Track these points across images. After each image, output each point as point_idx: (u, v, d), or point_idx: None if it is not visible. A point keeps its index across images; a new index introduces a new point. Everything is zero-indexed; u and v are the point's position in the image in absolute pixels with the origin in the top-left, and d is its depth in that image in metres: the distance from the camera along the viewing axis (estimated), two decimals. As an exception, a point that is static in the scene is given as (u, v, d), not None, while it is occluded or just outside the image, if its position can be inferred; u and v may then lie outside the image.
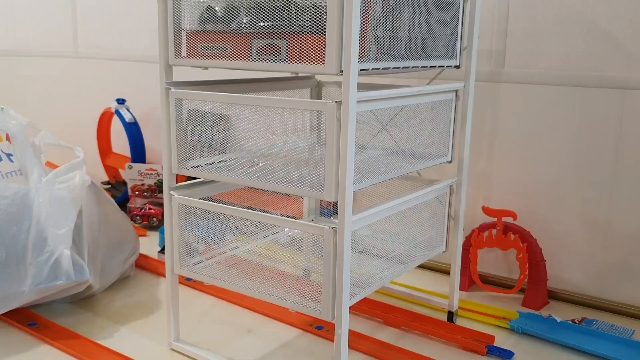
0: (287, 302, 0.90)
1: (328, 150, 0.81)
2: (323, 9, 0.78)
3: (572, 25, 1.21)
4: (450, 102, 1.07)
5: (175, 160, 0.97)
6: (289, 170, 0.89)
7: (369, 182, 0.90)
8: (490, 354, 1.05)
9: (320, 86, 1.23)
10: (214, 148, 0.96)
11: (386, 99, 0.91)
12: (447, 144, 1.09)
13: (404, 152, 1.01)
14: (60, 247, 1.12)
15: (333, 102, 0.79)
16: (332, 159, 0.82)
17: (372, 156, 0.96)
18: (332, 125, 0.80)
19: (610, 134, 1.20)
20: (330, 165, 0.82)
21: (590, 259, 1.26)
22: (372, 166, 0.94)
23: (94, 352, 1.04)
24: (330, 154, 0.81)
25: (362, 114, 0.87)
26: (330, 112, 0.80)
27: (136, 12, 1.86)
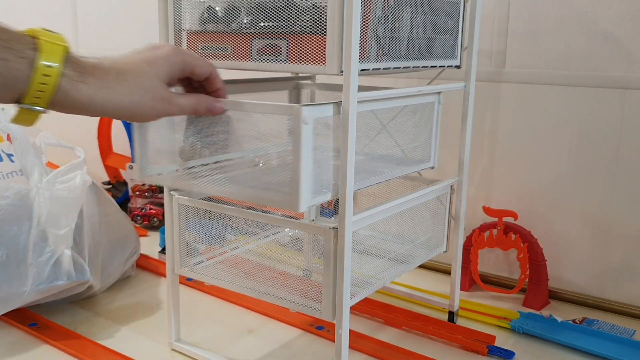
0: (288, 302, 0.90)
1: (294, 157, 0.75)
2: (323, 9, 0.78)
3: (572, 25, 1.20)
4: (433, 105, 1.03)
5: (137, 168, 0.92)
6: (254, 178, 0.84)
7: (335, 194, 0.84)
8: (491, 354, 1.05)
9: (299, 87, 1.18)
10: (181, 153, 0.89)
11: (385, 99, 0.91)
12: (429, 149, 1.06)
13: (383, 158, 0.98)
14: (61, 247, 1.12)
15: (300, 105, 0.73)
16: (298, 168, 0.75)
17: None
18: (298, 131, 0.74)
19: (611, 134, 1.20)
20: (297, 175, 0.75)
21: (591, 259, 1.26)
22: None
23: (94, 352, 1.04)
24: (297, 161, 0.75)
25: (337, 119, 0.81)
26: (296, 115, 0.74)
27: (136, 12, 1.86)
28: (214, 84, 0.77)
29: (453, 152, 1.37)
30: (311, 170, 0.77)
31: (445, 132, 1.38)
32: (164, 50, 0.71)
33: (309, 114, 0.74)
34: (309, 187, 0.77)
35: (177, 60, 0.71)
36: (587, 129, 1.22)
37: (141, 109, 0.68)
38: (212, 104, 0.76)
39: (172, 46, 0.72)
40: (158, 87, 0.69)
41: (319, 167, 0.80)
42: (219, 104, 0.77)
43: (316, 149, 0.78)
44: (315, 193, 0.79)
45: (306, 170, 0.76)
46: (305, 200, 0.77)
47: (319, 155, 0.80)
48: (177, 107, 0.72)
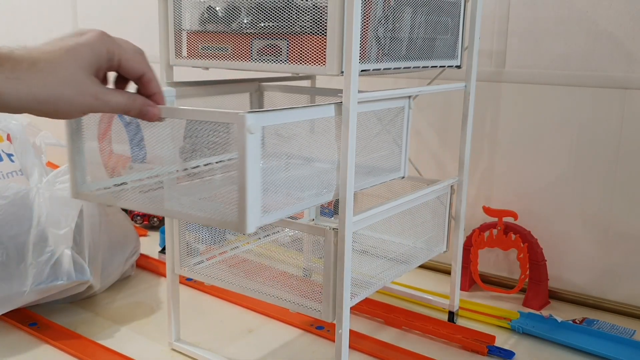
0: (288, 302, 0.90)
1: (240, 172, 0.66)
2: (324, 9, 0.78)
3: (573, 25, 1.20)
4: (403, 110, 0.96)
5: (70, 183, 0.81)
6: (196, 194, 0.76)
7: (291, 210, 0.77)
8: (491, 353, 1.05)
9: (262, 90, 1.11)
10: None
11: (383, 99, 0.91)
12: (398, 158, 0.97)
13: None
14: (61, 247, 1.12)
15: (244, 112, 0.64)
16: (243, 181, 0.66)
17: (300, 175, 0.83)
18: (242, 141, 0.65)
19: (611, 134, 1.20)
20: (243, 190, 0.66)
21: (591, 258, 1.26)
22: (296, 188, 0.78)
23: (94, 352, 1.04)
24: (243, 176, 0.66)
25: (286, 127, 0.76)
26: (239, 124, 0.65)
27: (136, 12, 1.86)
28: (148, 87, 0.66)
29: (453, 152, 1.37)
30: (260, 185, 0.68)
31: (445, 132, 1.38)
32: (87, 37, 0.61)
33: (255, 122, 0.65)
34: (257, 204, 0.68)
35: (102, 48, 0.61)
36: (587, 129, 1.22)
37: (60, 104, 0.59)
38: (146, 108, 0.66)
39: (99, 32, 0.62)
40: (81, 79, 0.60)
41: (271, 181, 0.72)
42: (153, 109, 0.67)
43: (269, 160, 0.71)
44: (266, 211, 0.71)
45: (253, 185, 0.67)
46: (253, 219, 0.68)
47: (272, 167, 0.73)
48: (105, 104, 0.62)
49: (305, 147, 0.82)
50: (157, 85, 0.67)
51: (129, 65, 0.64)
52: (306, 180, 0.81)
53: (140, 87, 0.67)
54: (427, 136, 1.41)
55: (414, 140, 1.42)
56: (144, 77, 0.66)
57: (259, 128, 0.66)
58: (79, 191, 0.81)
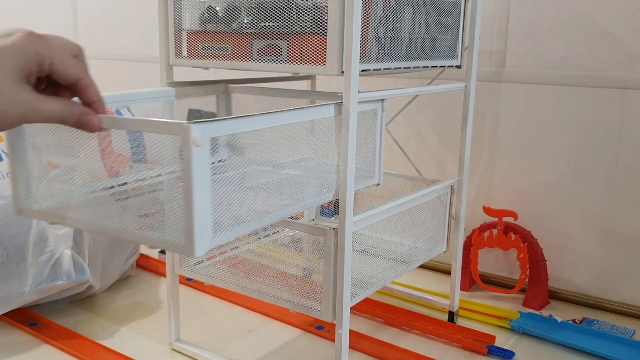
0: (288, 302, 0.90)
1: (185, 187, 0.59)
2: (324, 9, 0.78)
3: (573, 25, 1.20)
4: (375, 114, 0.88)
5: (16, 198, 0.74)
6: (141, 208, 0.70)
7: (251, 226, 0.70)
8: (491, 353, 1.05)
9: (229, 92, 1.05)
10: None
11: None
12: (372, 164, 0.90)
13: (315, 176, 0.83)
14: (61, 247, 1.12)
15: (189, 122, 0.58)
16: (190, 198, 0.59)
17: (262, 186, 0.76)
18: (187, 154, 0.58)
19: (611, 134, 1.20)
20: (190, 206, 0.59)
21: (591, 258, 1.26)
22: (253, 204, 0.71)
23: (94, 352, 1.04)
24: (189, 193, 0.59)
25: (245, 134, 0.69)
26: (184, 136, 0.58)
27: (136, 12, 1.86)
28: (86, 94, 0.60)
29: (453, 152, 1.37)
30: (209, 202, 0.61)
31: (445, 132, 1.38)
32: (13, 38, 0.54)
33: (201, 134, 0.58)
34: (207, 224, 0.62)
35: (30, 51, 0.54)
36: (587, 129, 1.22)
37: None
38: (84, 117, 0.60)
39: (26, 32, 0.55)
40: (9, 86, 0.53)
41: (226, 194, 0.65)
42: (92, 118, 0.60)
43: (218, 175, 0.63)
44: (218, 230, 0.64)
45: (202, 204, 0.60)
46: (201, 242, 0.61)
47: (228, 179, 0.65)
48: (39, 113, 0.56)
49: (273, 154, 0.76)
50: (95, 93, 0.61)
51: (61, 69, 0.57)
52: (272, 190, 0.76)
53: (78, 94, 0.60)
54: (427, 136, 1.41)
55: (414, 140, 1.42)
56: (79, 84, 0.59)
57: (207, 140, 0.60)
58: (22, 207, 0.73)
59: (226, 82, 1.05)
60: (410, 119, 1.41)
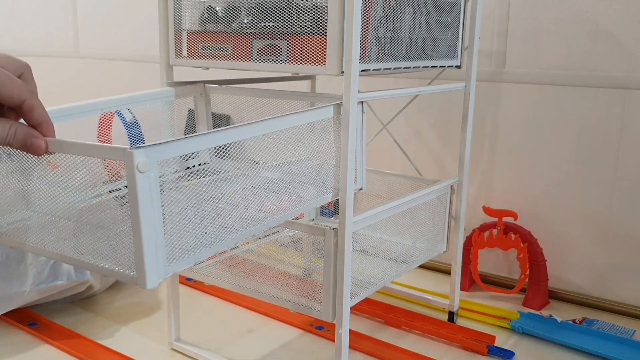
0: (288, 302, 0.90)
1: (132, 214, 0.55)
2: (324, 9, 0.78)
3: (573, 25, 1.20)
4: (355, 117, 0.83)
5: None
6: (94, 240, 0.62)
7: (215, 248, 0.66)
8: (491, 353, 1.05)
9: (208, 93, 1.00)
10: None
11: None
12: (353, 167, 0.83)
13: (293, 182, 0.79)
14: (61, 247, 1.12)
15: (131, 147, 0.53)
16: (138, 228, 0.55)
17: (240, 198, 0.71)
18: (132, 181, 0.54)
19: (611, 134, 1.20)
20: (138, 236, 0.55)
21: (591, 259, 1.26)
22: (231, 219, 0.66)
23: (94, 352, 1.04)
24: (135, 220, 0.55)
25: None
26: (128, 163, 0.53)
27: (136, 12, 1.86)
28: (32, 116, 0.56)
29: (453, 152, 1.37)
30: (160, 230, 0.57)
31: (445, 132, 1.38)
32: None
33: (147, 160, 0.54)
34: (160, 253, 0.58)
35: None
36: (587, 129, 1.22)
37: None
38: (30, 139, 0.56)
39: None
40: None
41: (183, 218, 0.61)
42: (38, 141, 0.57)
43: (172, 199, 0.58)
44: (173, 258, 0.60)
45: (150, 233, 0.56)
46: (153, 274, 0.57)
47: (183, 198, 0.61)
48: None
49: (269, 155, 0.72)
50: (41, 114, 0.57)
51: (3, 90, 0.53)
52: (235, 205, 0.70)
53: (24, 116, 0.57)
54: (427, 136, 1.41)
55: (414, 140, 1.42)
56: (24, 105, 0.55)
57: (154, 164, 0.55)
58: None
59: (204, 82, 1.00)
60: (410, 119, 1.41)
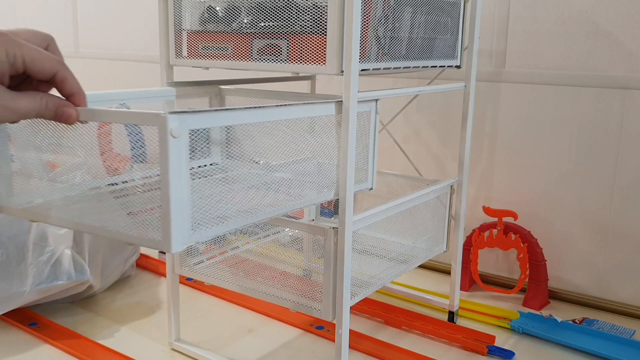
0: (288, 302, 0.90)
1: (162, 180, 0.57)
2: (324, 9, 0.78)
3: (573, 25, 1.21)
4: (369, 115, 0.85)
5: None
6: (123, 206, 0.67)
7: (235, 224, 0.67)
8: (491, 353, 1.05)
9: (223, 94, 1.03)
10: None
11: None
12: (365, 167, 0.86)
13: (304, 179, 0.81)
14: (61, 247, 1.12)
15: (165, 113, 0.56)
16: (166, 191, 0.57)
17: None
18: (165, 146, 0.56)
19: (611, 134, 1.20)
20: (166, 199, 0.57)
21: (591, 259, 1.26)
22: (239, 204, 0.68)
23: (94, 352, 1.04)
24: (165, 185, 0.57)
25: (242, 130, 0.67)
26: (161, 127, 0.56)
27: (136, 12, 1.86)
28: (64, 87, 0.59)
29: (453, 152, 1.37)
30: (188, 197, 0.59)
31: (445, 132, 1.38)
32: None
33: (179, 125, 0.57)
34: (186, 219, 0.60)
35: (1, 51, 0.54)
36: (587, 129, 1.22)
37: None
38: (61, 109, 0.59)
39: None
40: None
41: (208, 192, 0.63)
42: (69, 110, 0.59)
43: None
44: (197, 227, 0.62)
45: (178, 197, 0.58)
46: (179, 238, 0.59)
47: (208, 172, 0.64)
48: (14, 111, 0.55)
49: (262, 151, 0.74)
50: (74, 84, 0.59)
51: (36, 65, 0.56)
52: (258, 187, 0.73)
53: (56, 88, 0.59)
54: (427, 136, 1.41)
55: (414, 140, 1.42)
56: (57, 76, 0.58)
57: (185, 131, 0.58)
58: (2, 205, 0.71)
59: (218, 82, 1.03)
60: (410, 119, 1.41)
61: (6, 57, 0.54)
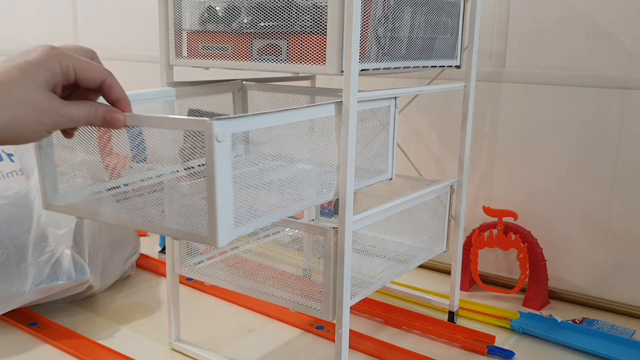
0: (288, 302, 0.90)
1: (209, 181, 0.62)
2: (324, 9, 0.78)
3: (573, 25, 1.21)
4: (388, 110, 0.91)
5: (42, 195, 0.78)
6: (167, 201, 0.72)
7: (269, 219, 0.73)
8: (491, 353, 1.05)
9: (245, 89, 1.08)
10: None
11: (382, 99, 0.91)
12: (385, 159, 0.92)
13: (332, 168, 0.84)
14: (61, 247, 1.12)
15: (211, 119, 0.60)
16: (213, 191, 0.62)
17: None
18: (210, 150, 0.61)
19: (611, 134, 1.20)
20: (213, 199, 0.62)
21: (591, 258, 1.26)
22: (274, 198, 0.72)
23: (94, 352, 1.04)
24: (212, 185, 0.62)
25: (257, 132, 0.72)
26: (207, 131, 0.61)
27: (136, 12, 1.86)
28: (110, 93, 0.64)
29: (453, 152, 1.38)
30: (231, 196, 0.65)
31: (445, 132, 1.38)
32: (37, 53, 0.59)
33: (223, 130, 0.61)
34: (230, 216, 0.65)
35: (54, 63, 0.59)
36: (587, 129, 1.22)
37: (22, 126, 0.57)
38: (110, 115, 0.64)
39: (48, 47, 0.60)
40: (39, 96, 0.58)
41: (246, 189, 0.67)
42: (117, 115, 0.65)
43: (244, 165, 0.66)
44: (239, 222, 0.67)
45: (224, 197, 0.63)
46: (224, 233, 0.64)
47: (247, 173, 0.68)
48: (67, 118, 0.60)
49: (288, 149, 0.79)
50: (119, 90, 0.65)
51: (86, 74, 0.61)
52: (288, 184, 0.78)
53: (103, 94, 0.65)
54: (427, 136, 1.41)
55: (414, 140, 1.42)
56: (104, 84, 0.63)
57: (228, 135, 0.62)
58: (49, 202, 0.77)
59: (242, 79, 1.09)
60: (409, 119, 1.41)
61: (60, 68, 0.59)
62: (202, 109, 1.03)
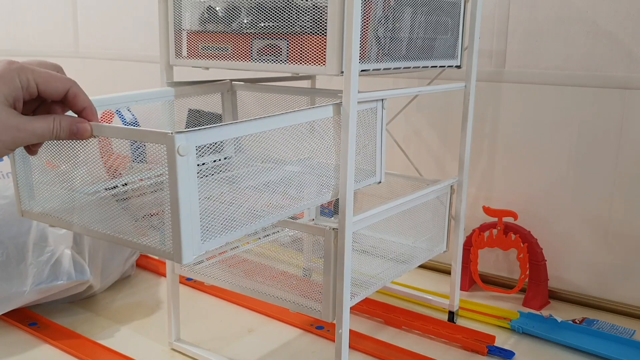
0: (288, 302, 0.90)
1: (172, 196, 0.60)
2: (324, 9, 0.78)
3: (573, 25, 1.20)
4: (375, 112, 0.88)
5: (19, 201, 0.76)
6: (132, 212, 0.71)
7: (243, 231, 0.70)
8: (491, 353, 1.05)
9: (234, 90, 1.06)
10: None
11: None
12: (372, 162, 0.90)
13: (319, 172, 0.83)
14: (61, 247, 1.12)
15: (172, 132, 0.58)
16: (176, 207, 0.60)
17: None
18: (172, 164, 0.58)
19: (611, 134, 1.20)
20: (176, 214, 0.60)
21: (591, 259, 1.26)
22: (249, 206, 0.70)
23: (94, 351, 1.04)
24: (174, 199, 0.60)
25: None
26: (169, 146, 0.58)
27: (136, 12, 1.86)
28: (76, 102, 0.62)
29: (453, 152, 1.37)
30: (196, 210, 0.62)
31: (445, 132, 1.38)
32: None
33: (186, 143, 0.59)
34: (195, 231, 0.62)
35: (14, 79, 0.57)
36: (587, 129, 1.22)
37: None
38: (75, 126, 0.61)
39: (6, 62, 0.58)
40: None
41: (216, 201, 0.65)
42: (83, 126, 0.62)
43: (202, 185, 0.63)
44: (207, 236, 0.65)
45: (187, 212, 0.61)
46: (189, 249, 0.62)
47: (216, 181, 0.66)
48: (30, 134, 0.58)
49: (279, 151, 0.77)
50: (85, 99, 0.62)
51: (48, 86, 0.59)
52: (272, 189, 0.76)
53: (69, 104, 0.62)
54: (427, 136, 1.41)
55: (414, 140, 1.42)
56: (69, 93, 0.61)
57: (192, 148, 0.60)
58: (25, 209, 0.76)
59: (231, 79, 1.06)
60: (410, 119, 1.41)
61: (19, 82, 0.57)
62: (203, 109, 1.03)
